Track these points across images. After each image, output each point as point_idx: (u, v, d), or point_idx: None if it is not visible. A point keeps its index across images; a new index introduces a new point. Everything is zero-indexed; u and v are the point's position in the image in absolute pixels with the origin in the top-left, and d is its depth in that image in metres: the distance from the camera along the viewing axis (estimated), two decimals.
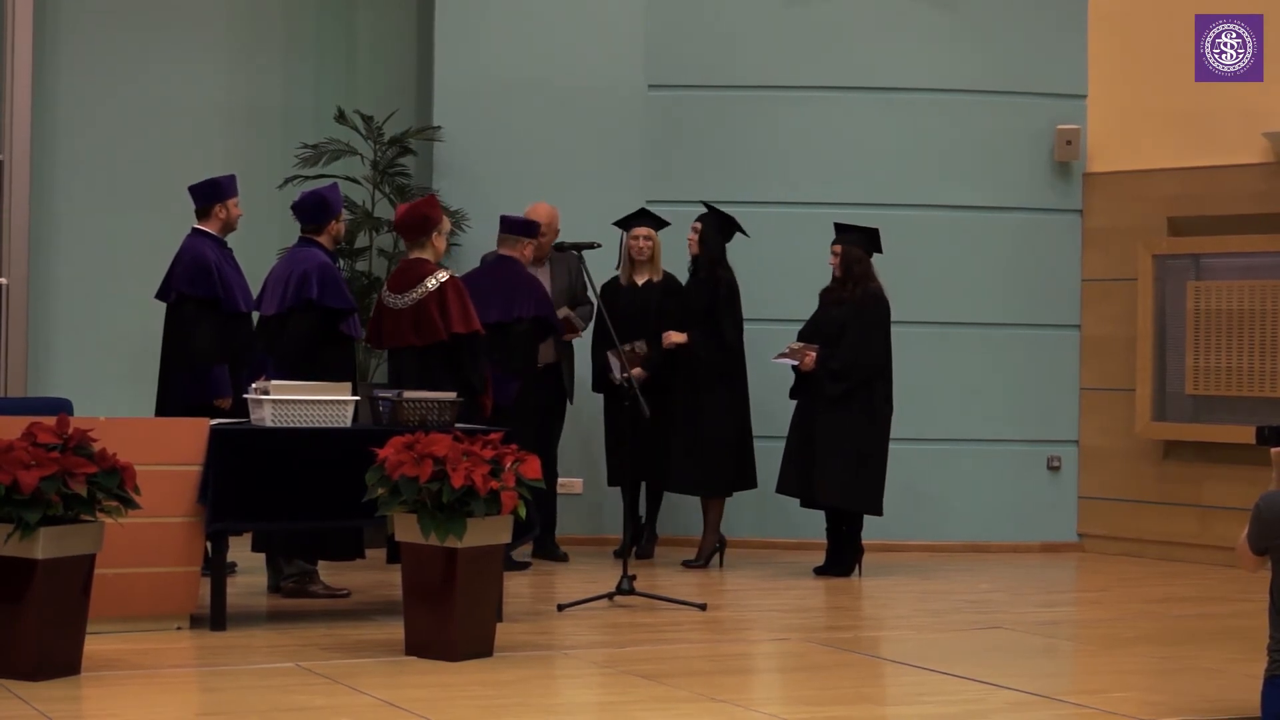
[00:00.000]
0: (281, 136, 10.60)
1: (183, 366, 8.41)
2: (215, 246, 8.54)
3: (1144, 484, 10.68)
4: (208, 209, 8.61)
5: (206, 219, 8.61)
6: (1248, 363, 10.14)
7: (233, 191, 8.66)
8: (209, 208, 8.60)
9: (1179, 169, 10.59)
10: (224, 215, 8.62)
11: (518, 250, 9.35)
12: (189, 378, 8.36)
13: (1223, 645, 7.38)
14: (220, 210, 8.60)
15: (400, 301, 8.37)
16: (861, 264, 9.45)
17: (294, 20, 10.92)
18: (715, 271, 9.68)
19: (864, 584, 9.30)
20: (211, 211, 8.60)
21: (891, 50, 10.83)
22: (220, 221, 8.61)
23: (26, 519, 5.89)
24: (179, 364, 8.44)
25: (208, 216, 8.61)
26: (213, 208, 8.60)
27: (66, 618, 6.11)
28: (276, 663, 6.56)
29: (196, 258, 8.42)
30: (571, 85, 10.66)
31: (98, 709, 5.85)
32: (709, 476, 9.70)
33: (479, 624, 6.73)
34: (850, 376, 9.30)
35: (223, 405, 8.25)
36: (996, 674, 6.62)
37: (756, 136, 10.77)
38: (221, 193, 8.61)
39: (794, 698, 6.46)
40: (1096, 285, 10.90)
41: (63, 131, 10.44)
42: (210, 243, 8.53)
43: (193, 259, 8.43)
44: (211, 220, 8.60)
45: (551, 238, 9.70)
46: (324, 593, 8.15)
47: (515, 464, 6.72)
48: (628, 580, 8.12)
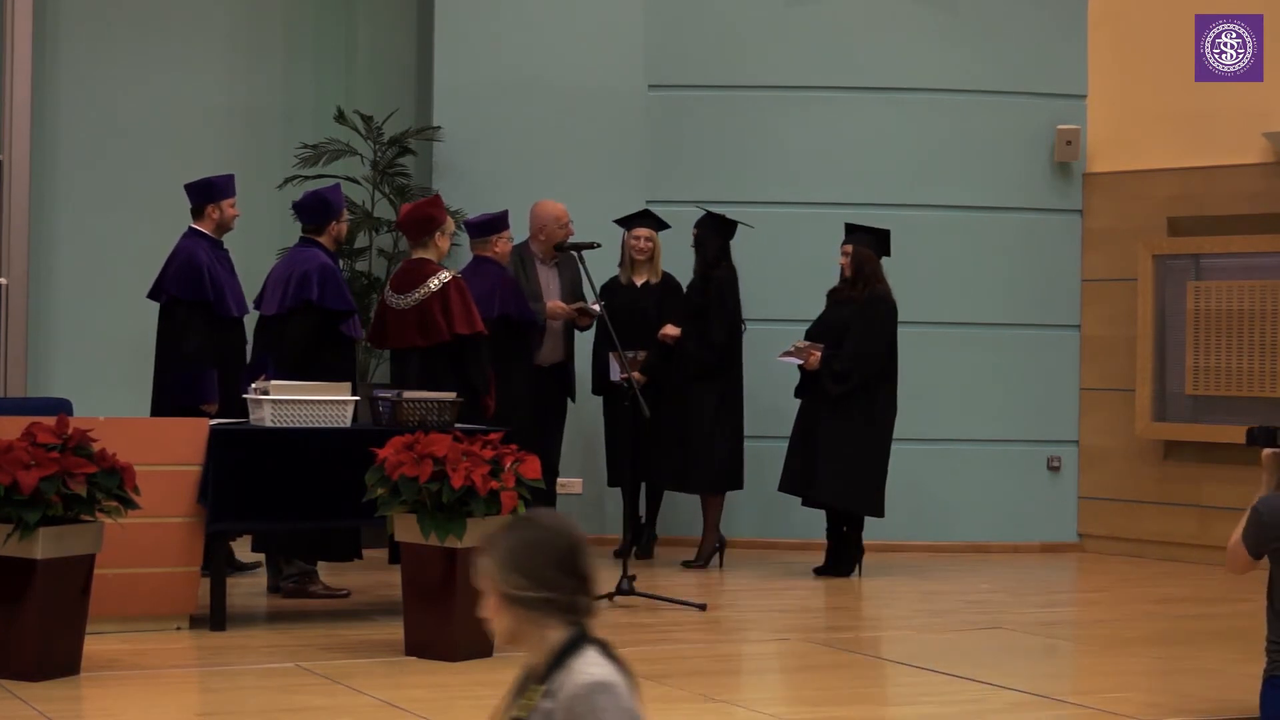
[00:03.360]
0: (281, 136, 10.60)
1: (172, 369, 8.36)
2: (209, 248, 8.45)
3: (1144, 484, 10.68)
4: (201, 208, 8.53)
5: (200, 219, 8.54)
6: (1248, 363, 10.14)
7: (228, 192, 8.57)
8: (202, 207, 8.53)
9: (1179, 169, 10.58)
10: (217, 215, 8.53)
11: (489, 249, 9.27)
12: (177, 381, 8.30)
13: (1223, 645, 7.38)
14: (214, 210, 8.52)
15: (403, 302, 8.37)
16: (871, 265, 9.46)
17: (294, 20, 10.92)
18: (711, 272, 9.69)
19: (864, 584, 9.30)
20: (205, 211, 8.52)
21: (892, 50, 10.82)
22: (214, 222, 8.53)
23: (26, 519, 5.89)
24: (168, 366, 8.39)
25: (201, 216, 8.54)
26: (205, 207, 8.51)
27: (66, 618, 6.11)
28: (276, 663, 6.56)
29: (189, 260, 8.35)
30: (571, 85, 10.66)
31: (98, 709, 5.85)
32: (704, 474, 9.69)
33: (479, 624, 6.68)
34: (853, 377, 9.30)
35: (209, 410, 8.11)
36: (996, 674, 6.62)
37: (757, 136, 10.77)
38: (215, 193, 8.52)
39: (794, 698, 6.46)
40: (1096, 285, 10.90)
41: (63, 131, 10.44)
42: (204, 244, 8.44)
43: (185, 261, 8.36)
44: (205, 220, 8.52)
45: (562, 235, 9.61)
46: (324, 593, 8.15)
47: (515, 464, 6.72)
48: (628, 580, 8.12)
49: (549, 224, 9.74)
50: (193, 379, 8.25)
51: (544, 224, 9.75)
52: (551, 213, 9.76)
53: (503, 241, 9.26)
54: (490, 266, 9.17)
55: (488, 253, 9.22)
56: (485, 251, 9.23)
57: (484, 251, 9.23)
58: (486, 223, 9.28)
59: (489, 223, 9.28)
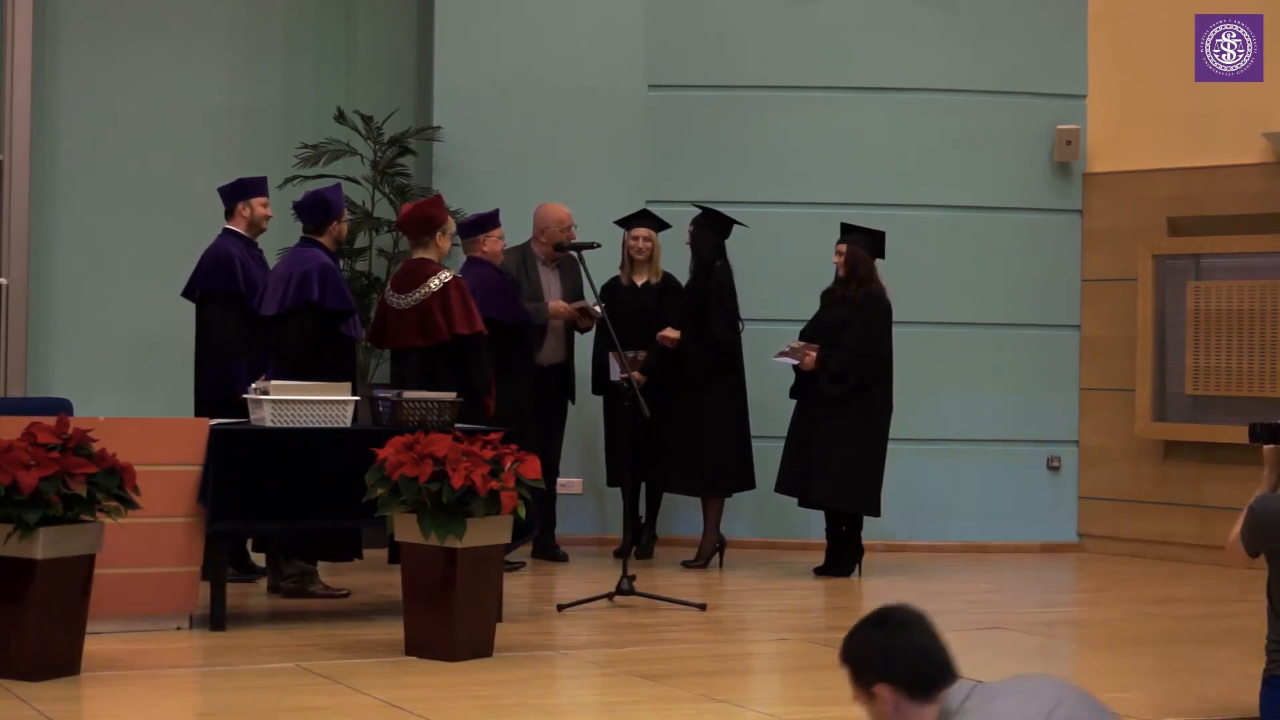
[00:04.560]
0: (281, 137, 10.59)
1: (205, 362, 8.46)
2: (242, 245, 8.58)
3: (1144, 484, 10.68)
4: (232, 208, 8.65)
5: (233, 218, 8.66)
6: (1248, 363, 10.14)
7: (258, 190, 8.70)
8: (233, 206, 8.65)
9: (1178, 169, 10.58)
10: (248, 214, 8.63)
11: (479, 249, 9.27)
12: (210, 373, 8.40)
13: (1223, 645, 7.38)
14: (244, 209, 8.63)
15: (403, 302, 8.37)
16: (865, 264, 9.46)
17: (294, 20, 10.92)
18: (708, 271, 9.69)
19: (864, 584, 9.30)
20: (236, 210, 8.64)
21: (892, 50, 10.83)
22: (245, 220, 8.64)
23: (26, 519, 5.89)
24: (203, 360, 8.50)
25: (233, 216, 8.66)
26: (236, 206, 8.63)
27: (66, 618, 6.10)
28: (276, 663, 6.56)
29: (220, 254, 8.49)
30: (571, 85, 10.66)
31: (98, 709, 5.85)
32: (706, 477, 9.69)
33: (479, 624, 6.73)
34: (849, 377, 9.30)
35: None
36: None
37: (757, 136, 10.77)
38: (244, 191, 8.65)
39: (794, 698, 6.46)
40: (1096, 285, 10.90)
41: (63, 131, 10.43)
42: (237, 241, 8.57)
43: (215, 255, 8.50)
44: (237, 219, 8.64)
45: (563, 239, 9.60)
46: (324, 593, 8.15)
47: (515, 464, 6.72)
48: (628, 580, 8.12)
49: (550, 226, 9.74)
50: (225, 370, 8.29)
51: (546, 225, 9.75)
52: (554, 215, 9.76)
53: (492, 240, 9.24)
54: (479, 268, 9.14)
55: (477, 252, 9.22)
56: (475, 251, 9.23)
57: (474, 252, 9.23)
58: (474, 222, 9.30)
59: (476, 222, 9.28)
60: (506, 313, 9.14)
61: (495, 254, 9.25)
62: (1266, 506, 5.47)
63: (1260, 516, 5.45)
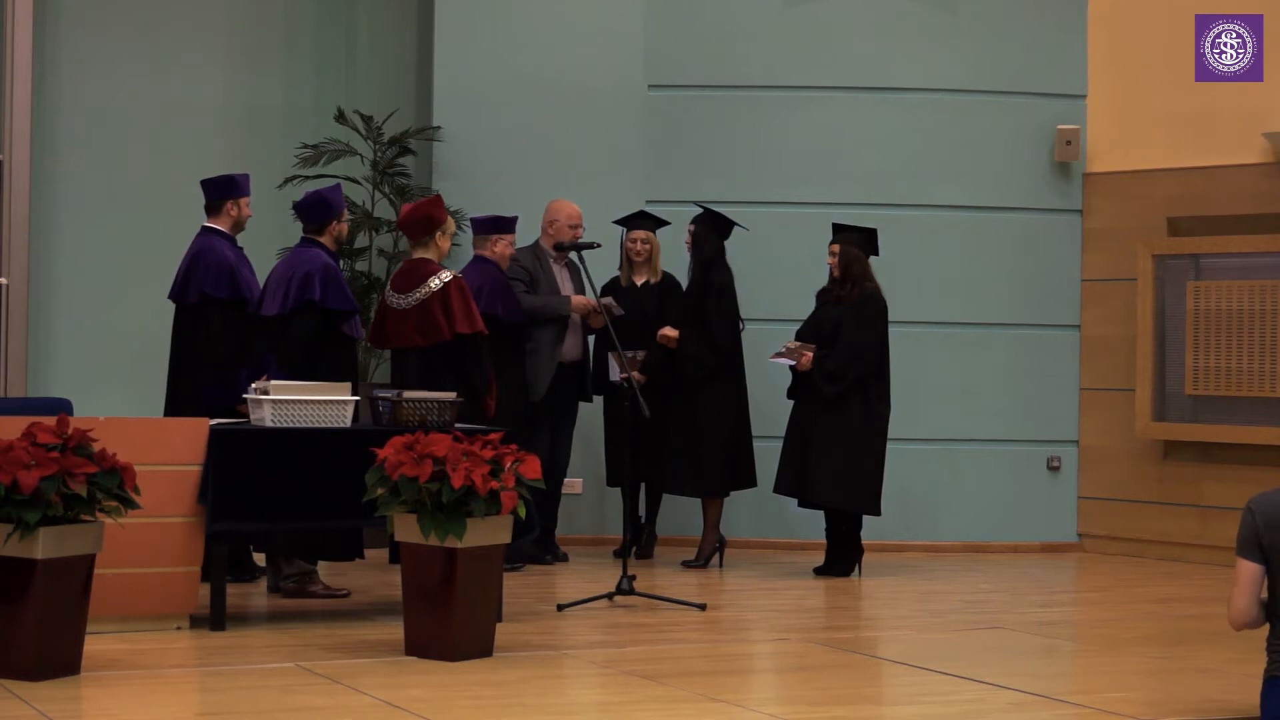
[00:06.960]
0: (281, 136, 10.60)
1: (206, 369, 8.19)
2: (231, 246, 8.34)
3: (1144, 484, 10.68)
4: (220, 205, 8.37)
5: (217, 215, 8.38)
6: (1247, 363, 10.14)
7: (247, 190, 8.45)
8: (221, 203, 8.36)
9: (1178, 169, 10.59)
10: (235, 213, 8.37)
11: (488, 249, 9.28)
12: (213, 382, 8.14)
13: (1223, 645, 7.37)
14: (232, 208, 8.36)
15: (403, 302, 8.38)
16: (859, 264, 9.46)
17: (294, 20, 10.92)
18: (708, 272, 9.68)
19: (864, 584, 9.31)
20: (223, 208, 8.36)
21: (891, 50, 10.83)
22: (231, 219, 8.38)
23: (26, 519, 5.89)
24: (198, 367, 8.22)
25: (219, 213, 8.38)
26: (224, 204, 8.36)
27: (66, 618, 6.11)
28: (276, 663, 6.56)
29: (220, 259, 8.21)
30: (571, 85, 10.66)
31: (98, 709, 5.85)
32: (705, 477, 9.69)
33: (479, 624, 6.73)
34: (846, 377, 9.30)
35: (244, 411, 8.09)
36: (996, 674, 6.62)
37: (756, 137, 10.77)
38: (236, 189, 8.39)
39: (794, 698, 6.46)
40: (1096, 285, 10.90)
41: (63, 131, 10.44)
42: (226, 243, 8.32)
43: (216, 260, 8.20)
44: (222, 217, 8.37)
45: (569, 236, 9.58)
46: (324, 593, 8.15)
47: (515, 464, 6.72)
48: (628, 580, 8.12)
49: (559, 220, 9.73)
50: (228, 379, 8.14)
51: (555, 218, 9.75)
52: (564, 211, 9.76)
53: (503, 244, 9.28)
54: (485, 266, 9.20)
55: (486, 252, 9.28)
56: (484, 251, 9.29)
57: (482, 250, 9.30)
58: (489, 222, 9.33)
59: (491, 223, 9.32)
60: (511, 311, 9.17)
61: (503, 258, 9.29)
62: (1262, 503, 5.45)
63: (1257, 512, 5.43)
